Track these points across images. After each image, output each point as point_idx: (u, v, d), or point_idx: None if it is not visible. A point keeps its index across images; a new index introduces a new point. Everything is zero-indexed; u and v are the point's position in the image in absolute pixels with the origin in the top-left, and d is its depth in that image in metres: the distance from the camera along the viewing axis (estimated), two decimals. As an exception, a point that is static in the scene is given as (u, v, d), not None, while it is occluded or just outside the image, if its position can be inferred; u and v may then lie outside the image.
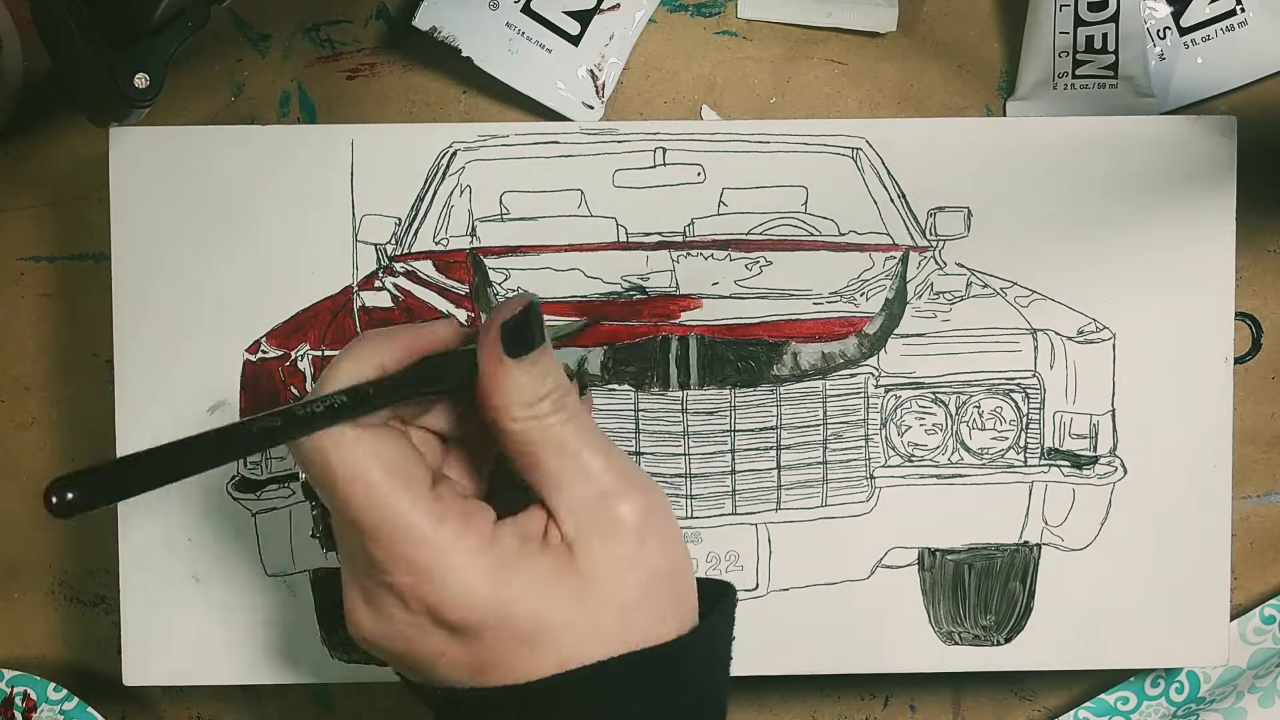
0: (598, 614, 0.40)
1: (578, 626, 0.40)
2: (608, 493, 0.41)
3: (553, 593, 0.40)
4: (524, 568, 0.40)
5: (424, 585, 0.40)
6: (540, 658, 0.40)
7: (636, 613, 0.41)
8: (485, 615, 0.40)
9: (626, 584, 0.41)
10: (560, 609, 0.40)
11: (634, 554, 0.41)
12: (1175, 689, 0.59)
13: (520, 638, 0.40)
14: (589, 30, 0.58)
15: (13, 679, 0.56)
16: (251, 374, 0.55)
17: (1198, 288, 0.56)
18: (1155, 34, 0.59)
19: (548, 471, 0.41)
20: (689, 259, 0.56)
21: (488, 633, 0.40)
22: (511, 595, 0.40)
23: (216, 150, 0.55)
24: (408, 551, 0.40)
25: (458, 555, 0.40)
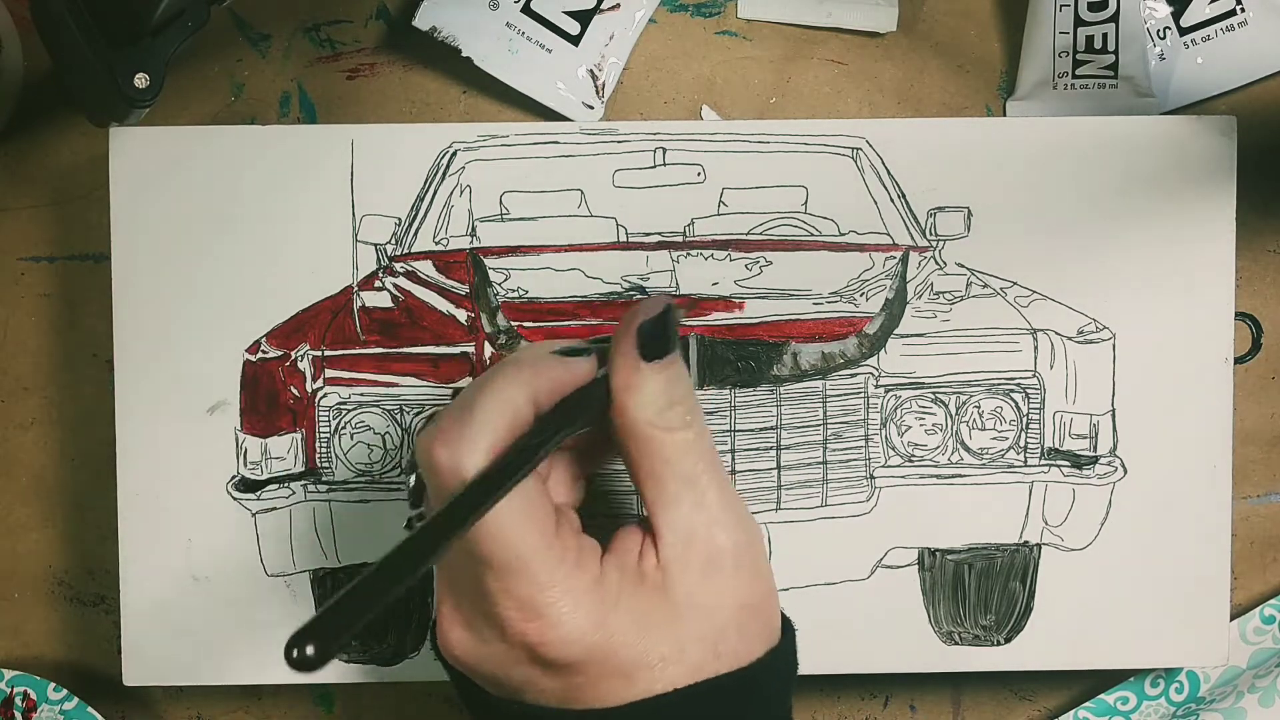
0: (691, 645, 0.41)
1: (670, 658, 0.41)
2: (712, 521, 0.42)
3: (650, 628, 0.41)
4: (625, 605, 0.41)
5: (529, 623, 0.40)
6: (631, 688, 0.41)
7: (726, 642, 0.42)
8: (586, 654, 0.40)
9: (719, 613, 0.42)
10: (656, 644, 0.41)
11: (728, 585, 0.42)
12: (1175, 689, 0.59)
13: (616, 673, 0.41)
14: (589, 30, 0.58)
15: (13, 679, 0.56)
16: (251, 374, 0.55)
17: (1198, 288, 0.56)
18: (1155, 34, 0.59)
19: (664, 488, 0.42)
20: (689, 259, 0.56)
21: (585, 668, 0.41)
22: (612, 634, 0.40)
23: (216, 150, 0.55)
24: (522, 589, 0.40)
25: (569, 597, 0.40)
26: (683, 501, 0.42)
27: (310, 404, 0.55)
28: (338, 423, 0.55)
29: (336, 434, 0.55)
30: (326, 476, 0.56)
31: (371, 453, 0.56)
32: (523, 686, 0.42)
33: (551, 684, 0.41)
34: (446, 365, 0.55)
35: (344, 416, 0.55)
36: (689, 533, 0.42)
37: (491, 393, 0.41)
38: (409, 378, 0.55)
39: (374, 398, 0.55)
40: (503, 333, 0.55)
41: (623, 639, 0.40)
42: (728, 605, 0.42)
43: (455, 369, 0.55)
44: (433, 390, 0.55)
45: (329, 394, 0.55)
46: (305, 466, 0.55)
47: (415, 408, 0.55)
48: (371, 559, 0.56)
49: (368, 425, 0.55)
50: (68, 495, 0.60)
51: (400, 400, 0.55)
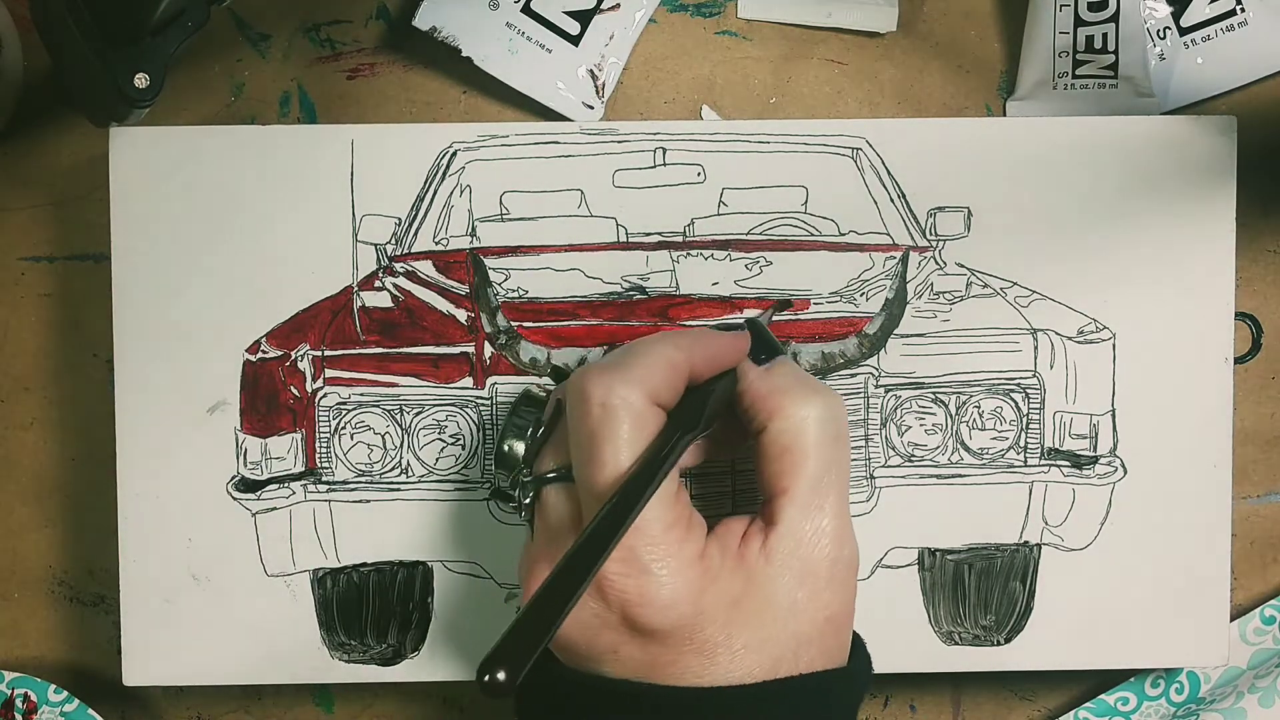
0: (774, 642, 0.42)
1: (752, 648, 0.42)
2: (823, 532, 0.43)
3: (739, 614, 0.42)
4: (721, 586, 0.42)
5: (631, 579, 0.41)
6: (708, 670, 0.41)
7: (808, 649, 0.43)
8: (677, 624, 0.41)
9: (809, 621, 0.43)
10: (742, 630, 0.42)
11: (821, 596, 0.43)
12: (1175, 689, 0.59)
13: (698, 650, 0.41)
14: (589, 30, 0.58)
15: (13, 680, 0.56)
16: (251, 374, 0.55)
17: (1198, 288, 0.56)
18: (1155, 34, 0.59)
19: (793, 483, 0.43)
20: (689, 259, 0.56)
21: (672, 639, 0.41)
22: (703, 609, 0.41)
23: (216, 150, 0.55)
24: (631, 541, 0.41)
25: (672, 563, 0.41)
26: (807, 503, 0.43)
27: (310, 404, 0.55)
28: (338, 423, 0.55)
29: (336, 434, 0.55)
30: (326, 476, 0.56)
31: (371, 453, 0.56)
32: (604, 654, 0.42)
33: (635, 652, 0.42)
34: (446, 365, 0.55)
35: (344, 416, 0.55)
36: (800, 534, 0.43)
37: (653, 345, 0.43)
38: (409, 378, 0.55)
39: (374, 398, 0.55)
40: (503, 333, 0.55)
41: (712, 617, 0.41)
42: (815, 614, 0.43)
43: (455, 369, 0.55)
44: (433, 390, 0.55)
45: (329, 394, 0.55)
46: (305, 466, 0.55)
47: (415, 408, 0.55)
48: (371, 559, 0.56)
49: (368, 425, 0.55)
50: (68, 495, 0.60)
51: (400, 400, 0.55)
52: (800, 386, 0.44)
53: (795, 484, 0.43)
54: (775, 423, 0.44)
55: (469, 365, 0.55)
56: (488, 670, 0.35)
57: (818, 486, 0.43)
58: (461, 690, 0.60)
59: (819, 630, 0.43)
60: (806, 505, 0.43)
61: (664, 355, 0.43)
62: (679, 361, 0.43)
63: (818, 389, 0.45)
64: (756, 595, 0.42)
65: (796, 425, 0.43)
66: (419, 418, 0.55)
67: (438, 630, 0.56)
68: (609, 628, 0.42)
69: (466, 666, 0.56)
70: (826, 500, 0.43)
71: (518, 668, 0.35)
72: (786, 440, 0.43)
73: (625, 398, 0.41)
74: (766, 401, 0.44)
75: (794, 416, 0.44)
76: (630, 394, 0.42)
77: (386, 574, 0.56)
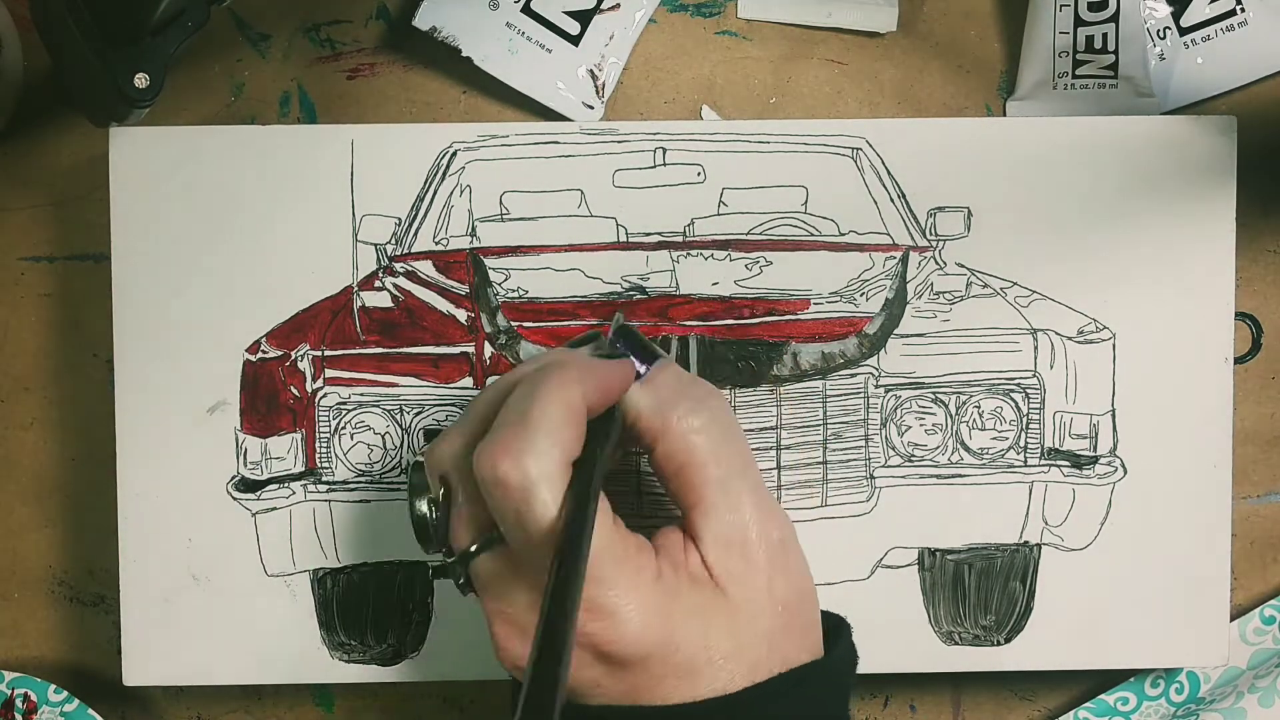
0: (747, 643, 0.42)
1: (731, 655, 0.42)
2: (747, 524, 0.43)
3: (709, 625, 0.42)
4: (684, 602, 0.42)
5: (596, 623, 0.40)
6: (693, 686, 0.41)
7: (780, 639, 0.43)
8: (651, 650, 0.41)
9: (769, 613, 0.42)
10: (716, 641, 0.41)
11: (773, 583, 0.43)
12: (1175, 689, 0.59)
13: (679, 670, 0.41)
14: (589, 30, 0.58)
15: (13, 680, 0.56)
16: (251, 374, 0.55)
17: (1198, 288, 0.56)
18: (1155, 34, 0.59)
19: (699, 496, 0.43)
20: (689, 259, 0.56)
21: (652, 664, 0.41)
22: (675, 629, 0.41)
23: (216, 150, 0.55)
24: (588, 591, 0.40)
25: (633, 594, 0.41)
26: (718, 508, 0.43)
27: (310, 404, 0.55)
28: (338, 423, 0.55)
29: (336, 434, 0.55)
30: (326, 476, 0.56)
31: (371, 453, 0.56)
32: (587, 689, 0.42)
33: (616, 684, 0.41)
34: (446, 365, 0.55)
35: (344, 416, 0.55)
36: (728, 538, 0.42)
37: (548, 399, 0.40)
38: (409, 378, 0.55)
39: (374, 398, 0.55)
40: (503, 333, 0.55)
41: (685, 635, 0.41)
42: (773, 606, 0.43)
43: (455, 369, 0.55)
44: (433, 390, 0.55)
45: (329, 394, 0.55)
46: (305, 466, 0.55)
47: (415, 408, 0.55)
48: (371, 559, 0.56)
49: (368, 425, 0.55)
50: (68, 495, 0.60)
51: (400, 400, 0.55)
52: (679, 397, 0.43)
53: (704, 495, 0.43)
54: (663, 443, 0.43)
55: (469, 365, 0.55)
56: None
57: (726, 488, 0.43)
58: (461, 690, 0.60)
59: (781, 621, 0.43)
60: (723, 511, 0.42)
61: (564, 404, 0.40)
62: (574, 404, 0.41)
63: (696, 395, 0.44)
64: (718, 603, 0.42)
65: (686, 442, 0.43)
66: (419, 418, 0.55)
67: (438, 630, 0.56)
68: (586, 667, 0.41)
69: (466, 666, 0.56)
70: (740, 500, 0.43)
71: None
72: (681, 457, 0.43)
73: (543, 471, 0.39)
74: (651, 421, 0.43)
75: (680, 432, 0.43)
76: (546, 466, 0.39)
77: (386, 574, 0.56)
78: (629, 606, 0.40)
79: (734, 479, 0.43)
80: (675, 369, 0.45)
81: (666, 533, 0.44)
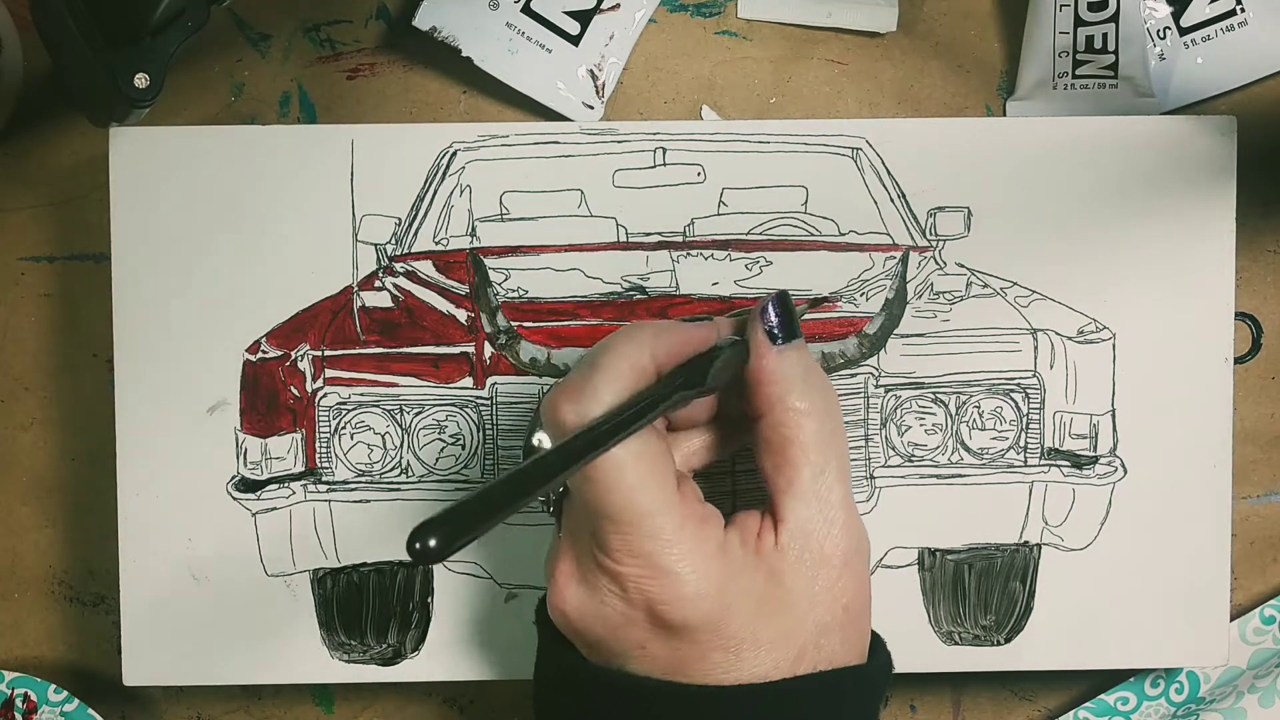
0: (796, 635, 0.42)
1: (777, 642, 0.42)
2: (831, 521, 0.43)
3: (762, 608, 0.42)
4: (744, 579, 0.42)
5: (653, 580, 0.41)
6: (735, 666, 0.42)
7: (829, 639, 0.43)
8: (705, 618, 0.41)
9: (827, 610, 0.43)
10: (766, 625, 0.42)
11: (837, 585, 0.43)
12: (1175, 689, 0.59)
13: (725, 646, 0.42)
14: (589, 30, 0.58)
15: (13, 680, 0.56)
16: (251, 374, 0.55)
17: (1198, 288, 0.56)
18: (1155, 34, 0.59)
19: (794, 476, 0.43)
20: (689, 259, 0.56)
21: (700, 636, 0.41)
22: (729, 604, 0.41)
23: (216, 150, 0.55)
24: (646, 546, 0.41)
25: (693, 557, 0.41)
26: (809, 495, 0.43)
27: (310, 404, 0.55)
28: (338, 423, 0.55)
29: (336, 434, 0.55)
30: (326, 476, 0.56)
31: (371, 453, 0.56)
32: (631, 651, 0.42)
33: (661, 650, 0.42)
34: (446, 365, 0.55)
35: (344, 416, 0.55)
36: (809, 526, 0.43)
37: (614, 351, 0.43)
38: (409, 378, 0.55)
39: (374, 398, 0.55)
40: (503, 333, 0.55)
41: (738, 611, 0.41)
42: (833, 604, 0.43)
43: (455, 369, 0.55)
44: (433, 390, 0.55)
45: (329, 394, 0.55)
46: (305, 466, 0.55)
47: (415, 408, 0.55)
48: (371, 559, 0.56)
49: (368, 425, 0.55)
50: (68, 495, 0.60)
51: (400, 400, 0.55)
52: (803, 379, 0.44)
53: (798, 479, 0.43)
54: (774, 413, 0.44)
55: (469, 365, 0.55)
56: (420, 537, 0.35)
57: (821, 479, 0.43)
58: (461, 690, 0.60)
59: (838, 619, 0.43)
60: (812, 500, 0.43)
61: (626, 359, 0.43)
62: (640, 360, 0.43)
63: (822, 384, 0.45)
64: (777, 589, 0.42)
65: (795, 419, 0.44)
66: (419, 418, 0.55)
67: (438, 630, 0.56)
68: (635, 625, 0.42)
69: (466, 666, 0.56)
70: (832, 493, 0.43)
71: (450, 539, 0.36)
72: (786, 432, 0.44)
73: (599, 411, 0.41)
74: (770, 388, 0.44)
75: (793, 409, 0.44)
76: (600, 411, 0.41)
77: (386, 574, 0.56)
78: (687, 569, 0.41)
79: (831, 472, 0.44)
80: (806, 352, 0.46)
81: (743, 515, 0.44)
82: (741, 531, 0.43)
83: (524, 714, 0.60)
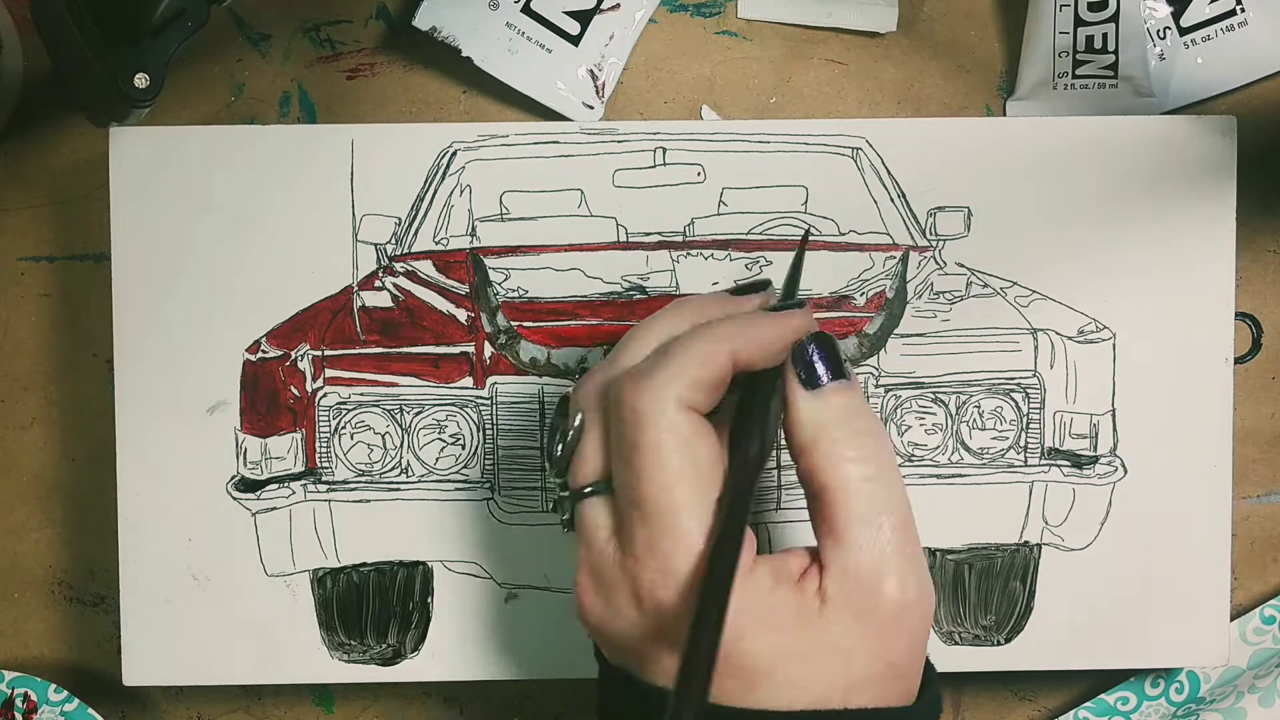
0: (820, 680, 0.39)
1: (795, 684, 0.39)
2: (886, 571, 0.40)
3: (788, 647, 0.39)
4: (765, 608, 0.40)
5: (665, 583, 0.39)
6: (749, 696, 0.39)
7: (860, 692, 0.40)
8: None
9: (867, 665, 0.40)
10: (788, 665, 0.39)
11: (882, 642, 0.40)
12: (1175, 689, 0.59)
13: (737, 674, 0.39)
14: (589, 30, 0.58)
15: (13, 680, 0.56)
16: (251, 374, 0.55)
17: (1198, 288, 0.56)
18: (1155, 34, 0.59)
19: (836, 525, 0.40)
20: (689, 259, 0.56)
21: None
22: (743, 635, 0.39)
23: (216, 150, 0.55)
24: (667, 545, 0.39)
25: None
26: (855, 544, 0.40)
27: (310, 404, 0.55)
28: (338, 423, 0.55)
29: (336, 434, 0.55)
30: (326, 476, 0.56)
31: (371, 453, 0.56)
32: (649, 664, 0.41)
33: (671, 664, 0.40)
34: (446, 365, 0.55)
35: (344, 416, 0.55)
36: (855, 579, 0.40)
37: (691, 343, 0.40)
38: (409, 378, 0.55)
39: (374, 398, 0.55)
40: (503, 332, 0.55)
41: (753, 642, 0.39)
42: (874, 660, 0.40)
43: (455, 369, 0.55)
44: (433, 390, 0.55)
45: (329, 394, 0.55)
46: (305, 466, 0.55)
47: (415, 407, 0.55)
48: (371, 559, 0.56)
49: (368, 425, 0.55)
50: (68, 495, 0.60)
51: (400, 400, 0.55)
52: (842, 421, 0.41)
53: (838, 525, 0.40)
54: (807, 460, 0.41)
55: (469, 365, 0.55)
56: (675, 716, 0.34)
57: (866, 528, 0.40)
58: (461, 690, 0.60)
59: (878, 674, 0.40)
60: (860, 548, 0.40)
61: (700, 352, 0.40)
62: (717, 355, 0.40)
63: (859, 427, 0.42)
64: (808, 634, 0.40)
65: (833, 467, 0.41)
66: (419, 418, 0.55)
67: (438, 630, 0.56)
68: (649, 636, 0.40)
69: (466, 666, 0.56)
70: (887, 544, 0.40)
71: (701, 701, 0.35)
72: (822, 479, 0.41)
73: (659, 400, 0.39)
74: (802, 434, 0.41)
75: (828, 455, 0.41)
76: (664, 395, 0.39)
77: (386, 574, 0.56)
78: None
79: (884, 523, 0.40)
80: (854, 394, 0.42)
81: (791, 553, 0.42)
82: (780, 565, 0.41)
83: (524, 714, 0.60)
